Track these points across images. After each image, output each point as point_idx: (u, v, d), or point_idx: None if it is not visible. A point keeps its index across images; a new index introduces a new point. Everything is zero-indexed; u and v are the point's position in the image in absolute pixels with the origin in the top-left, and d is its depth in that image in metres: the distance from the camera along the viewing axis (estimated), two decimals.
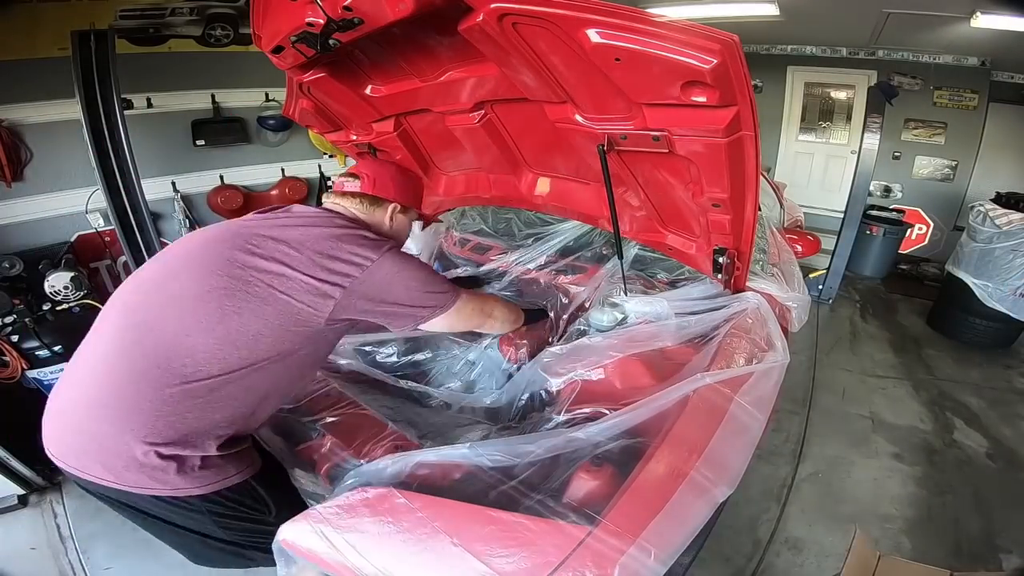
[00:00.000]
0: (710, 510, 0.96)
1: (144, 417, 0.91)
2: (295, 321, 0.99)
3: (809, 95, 5.18)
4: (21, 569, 1.90)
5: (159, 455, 0.91)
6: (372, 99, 1.60)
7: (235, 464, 1.01)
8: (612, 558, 0.78)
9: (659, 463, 0.94)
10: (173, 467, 0.92)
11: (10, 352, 2.07)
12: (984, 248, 3.18)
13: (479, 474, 0.97)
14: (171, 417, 0.91)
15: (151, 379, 0.92)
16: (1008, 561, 1.91)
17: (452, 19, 1.03)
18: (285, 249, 1.01)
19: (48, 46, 2.60)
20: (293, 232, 1.05)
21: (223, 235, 1.06)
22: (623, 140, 1.18)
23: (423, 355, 1.63)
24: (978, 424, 2.66)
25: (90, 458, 0.93)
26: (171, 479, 0.92)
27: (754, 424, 1.12)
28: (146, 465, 0.91)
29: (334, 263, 1.02)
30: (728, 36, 0.86)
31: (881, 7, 3.64)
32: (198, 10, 3.10)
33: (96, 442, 0.93)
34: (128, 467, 0.91)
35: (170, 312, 0.97)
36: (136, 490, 0.93)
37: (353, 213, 1.21)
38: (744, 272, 1.47)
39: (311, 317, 1.00)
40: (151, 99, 3.01)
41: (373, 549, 0.86)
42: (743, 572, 1.84)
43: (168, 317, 0.97)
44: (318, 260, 1.01)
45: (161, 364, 0.92)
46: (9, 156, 2.56)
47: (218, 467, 0.98)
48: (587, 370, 1.28)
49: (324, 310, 1.00)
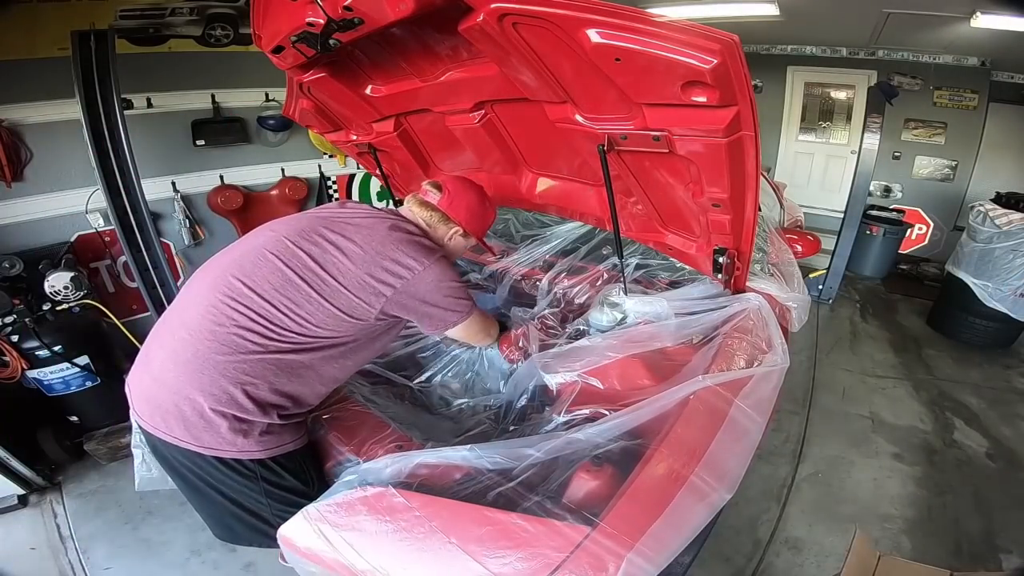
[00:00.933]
0: (709, 514, 0.96)
1: (224, 381, 1.02)
2: (352, 313, 1.12)
3: (809, 95, 5.18)
4: (21, 569, 1.90)
5: (234, 417, 1.03)
6: (372, 99, 1.60)
7: (291, 433, 1.13)
8: (610, 561, 0.78)
9: (657, 466, 0.94)
10: (243, 430, 1.04)
11: (10, 352, 2.07)
12: (984, 248, 3.18)
13: (478, 476, 0.97)
14: (245, 384, 1.03)
15: (234, 345, 1.04)
16: (1008, 561, 1.91)
17: (452, 19, 1.03)
18: (351, 246, 1.14)
19: (48, 46, 2.60)
20: (360, 232, 1.17)
21: (308, 222, 1.21)
22: (623, 140, 1.18)
23: (424, 355, 1.63)
24: (978, 424, 2.66)
25: (173, 419, 1.03)
26: (239, 442, 1.04)
27: (753, 427, 1.12)
28: (220, 426, 1.02)
29: (392, 264, 1.14)
30: (728, 36, 0.86)
31: (881, 7, 3.64)
32: (198, 10, 3.10)
33: (177, 406, 1.03)
34: (207, 428, 1.02)
35: (262, 287, 1.09)
36: (207, 451, 1.04)
37: (418, 220, 1.31)
38: (744, 272, 1.47)
39: (365, 311, 1.12)
40: (151, 99, 3.00)
41: (371, 548, 0.86)
42: (743, 572, 1.84)
43: (260, 291, 1.08)
44: (378, 260, 1.14)
45: (244, 333, 1.05)
46: (9, 156, 2.55)
47: (278, 434, 1.10)
48: (586, 370, 1.28)
49: (376, 305, 1.13)
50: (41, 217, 2.69)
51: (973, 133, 4.52)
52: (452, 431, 1.34)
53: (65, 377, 2.19)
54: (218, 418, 1.02)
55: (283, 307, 1.07)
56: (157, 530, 1.99)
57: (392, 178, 2.17)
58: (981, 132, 4.50)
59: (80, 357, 2.19)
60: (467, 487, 0.95)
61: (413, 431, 1.27)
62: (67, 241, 2.77)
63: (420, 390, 1.54)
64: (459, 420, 1.43)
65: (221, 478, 1.08)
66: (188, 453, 1.05)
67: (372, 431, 1.21)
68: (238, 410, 1.03)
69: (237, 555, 1.87)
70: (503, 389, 1.47)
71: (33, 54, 2.62)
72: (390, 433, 1.21)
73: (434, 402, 1.53)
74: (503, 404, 1.42)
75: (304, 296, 1.09)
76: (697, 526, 0.93)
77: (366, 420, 1.26)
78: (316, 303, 1.09)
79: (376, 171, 2.09)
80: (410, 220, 1.29)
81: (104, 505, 2.11)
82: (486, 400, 1.48)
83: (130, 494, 2.09)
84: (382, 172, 2.09)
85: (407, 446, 1.16)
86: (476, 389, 1.55)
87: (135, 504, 2.07)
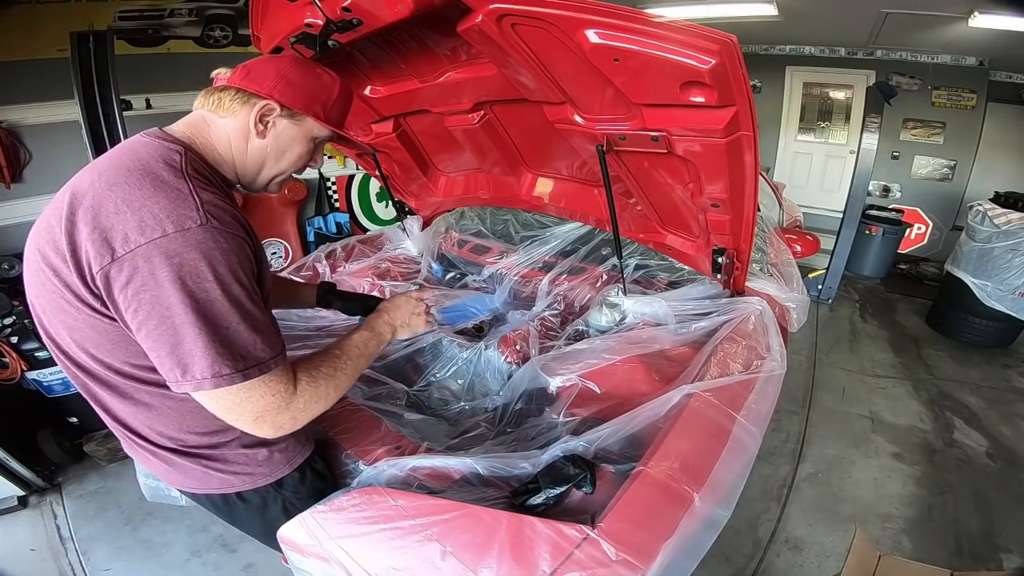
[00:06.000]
0: (702, 524, 0.95)
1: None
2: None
3: (808, 95, 5.19)
4: (21, 570, 1.90)
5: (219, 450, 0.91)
6: (371, 100, 1.60)
7: (287, 453, 0.99)
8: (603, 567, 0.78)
9: (651, 474, 0.93)
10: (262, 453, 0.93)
11: (10, 353, 2.07)
12: (983, 248, 3.19)
13: (475, 480, 0.97)
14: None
15: None
16: (1008, 560, 1.91)
17: (451, 20, 1.03)
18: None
19: (47, 47, 2.60)
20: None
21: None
22: (622, 140, 1.18)
23: (422, 359, 1.63)
24: (978, 423, 2.66)
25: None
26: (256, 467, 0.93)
27: (746, 436, 1.09)
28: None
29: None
30: (726, 36, 0.86)
31: (879, 7, 3.64)
32: (197, 11, 3.10)
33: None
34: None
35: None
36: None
37: (191, 130, 0.86)
38: (743, 272, 1.47)
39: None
40: (150, 100, 3.00)
41: (368, 552, 0.86)
42: (743, 572, 1.84)
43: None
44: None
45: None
46: (8, 157, 2.55)
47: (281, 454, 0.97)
48: (586, 372, 1.28)
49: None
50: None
51: (972, 133, 4.53)
52: (448, 433, 1.34)
53: (65, 378, 2.19)
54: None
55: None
56: (157, 531, 1.99)
57: (391, 179, 2.17)
58: (980, 132, 4.51)
59: None
60: (463, 490, 0.95)
61: (409, 430, 1.26)
62: None
63: (419, 392, 1.54)
64: (456, 422, 1.42)
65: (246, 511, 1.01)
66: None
67: (369, 432, 1.21)
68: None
69: (237, 556, 1.87)
70: (502, 392, 1.47)
71: (32, 55, 2.62)
72: (388, 434, 1.20)
73: (432, 404, 1.52)
74: (501, 405, 1.42)
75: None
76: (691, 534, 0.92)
77: (363, 420, 1.26)
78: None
79: (375, 172, 2.10)
80: (168, 137, 0.82)
81: (104, 506, 2.10)
82: (484, 403, 1.48)
83: (130, 495, 2.09)
84: (381, 173, 2.09)
85: (405, 446, 1.16)
86: (475, 390, 1.55)
87: (135, 505, 2.07)
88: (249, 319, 0.74)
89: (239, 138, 0.87)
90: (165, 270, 0.68)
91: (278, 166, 0.93)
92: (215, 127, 0.87)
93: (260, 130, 0.87)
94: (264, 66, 0.88)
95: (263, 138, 0.88)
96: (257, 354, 0.74)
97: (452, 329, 1.64)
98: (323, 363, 0.87)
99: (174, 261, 0.68)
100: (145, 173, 0.73)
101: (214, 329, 0.70)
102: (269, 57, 0.95)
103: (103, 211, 0.70)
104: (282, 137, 0.90)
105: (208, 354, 0.70)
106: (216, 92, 0.87)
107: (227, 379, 0.71)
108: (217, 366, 0.70)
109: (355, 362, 0.93)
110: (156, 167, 0.74)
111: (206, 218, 0.71)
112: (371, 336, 1.00)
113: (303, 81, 0.88)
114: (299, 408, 0.81)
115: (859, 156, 3.64)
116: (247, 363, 0.73)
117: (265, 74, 0.86)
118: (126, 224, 0.69)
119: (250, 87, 0.85)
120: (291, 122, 0.89)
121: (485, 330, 1.69)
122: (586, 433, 1.03)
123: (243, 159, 0.89)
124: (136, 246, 0.68)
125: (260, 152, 0.89)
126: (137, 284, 0.69)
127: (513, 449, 1.14)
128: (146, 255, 0.68)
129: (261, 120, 0.86)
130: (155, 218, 0.69)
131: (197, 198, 0.72)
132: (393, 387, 1.51)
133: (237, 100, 0.86)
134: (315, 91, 0.89)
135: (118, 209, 0.70)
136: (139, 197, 0.70)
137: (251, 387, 0.74)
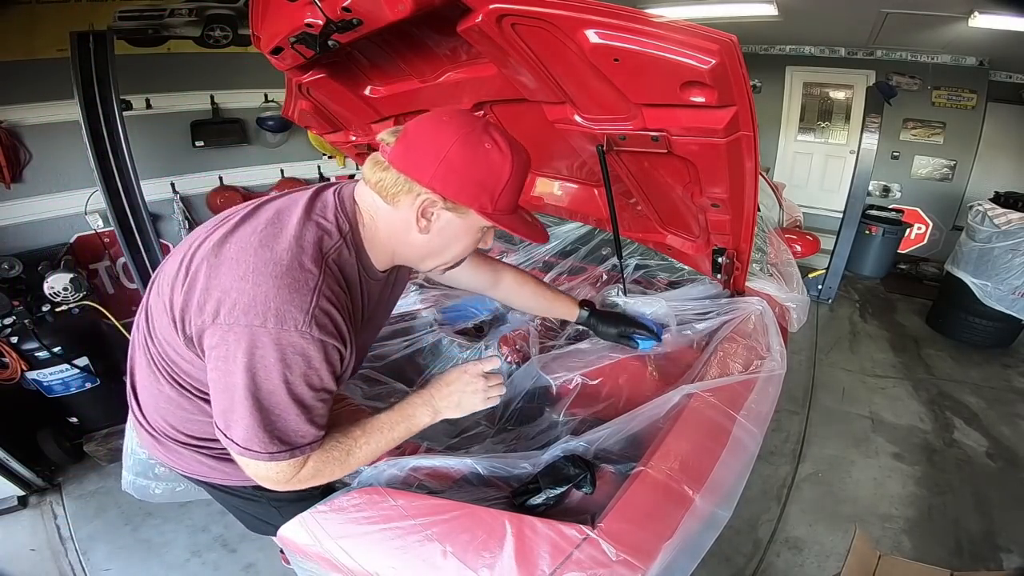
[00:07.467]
0: (702, 524, 0.95)
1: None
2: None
3: (808, 95, 5.18)
4: (21, 570, 1.90)
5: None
6: (371, 100, 1.60)
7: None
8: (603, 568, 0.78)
9: (651, 475, 0.93)
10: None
11: (10, 354, 2.07)
12: (983, 247, 3.19)
13: (475, 480, 0.97)
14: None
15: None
16: (1009, 560, 1.91)
17: (451, 20, 1.03)
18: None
19: (47, 47, 2.60)
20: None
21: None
22: (622, 140, 1.18)
23: (422, 359, 1.63)
24: (978, 423, 2.66)
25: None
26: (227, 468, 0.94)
27: (746, 436, 1.10)
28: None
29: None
30: (726, 36, 0.86)
31: (879, 7, 3.64)
32: (197, 11, 3.10)
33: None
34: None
35: None
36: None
37: (363, 202, 0.84)
38: (743, 272, 1.47)
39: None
40: (150, 100, 3.00)
41: (368, 551, 0.86)
42: (743, 572, 1.84)
43: None
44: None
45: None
46: (8, 157, 2.55)
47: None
48: (586, 371, 1.28)
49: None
50: (40, 218, 2.70)
51: (972, 133, 4.53)
52: (448, 432, 1.34)
53: (64, 378, 2.19)
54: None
55: None
56: (157, 531, 1.99)
57: None
58: (980, 131, 4.51)
59: (79, 358, 2.19)
60: (463, 490, 0.95)
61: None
62: (66, 242, 2.78)
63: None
64: (455, 420, 1.42)
65: (223, 498, 1.06)
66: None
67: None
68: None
69: (237, 556, 1.88)
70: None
71: (32, 55, 2.62)
72: None
73: None
74: (500, 406, 1.42)
75: None
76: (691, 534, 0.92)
77: (362, 419, 1.25)
78: None
79: None
80: (344, 211, 0.81)
81: (104, 506, 2.10)
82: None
83: (130, 495, 2.09)
84: None
85: (405, 446, 1.16)
86: None
87: (135, 505, 2.07)
88: (305, 412, 0.76)
89: (400, 230, 0.82)
90: (243, 357, 0.71)
91: (441, 259, 0.88)
92: (380, 215, 0.82)
93: (423, 225, 0.80)
94: (425, 146, 0.77)
95: (426, 233, 0.81)
96: (294, 440, 0.76)
97: (452, 329, 1.64)
98: (341, 443, 0.85)
99: (255, 354, 0.71)
100: (289, 249, 0.74)
101: (264, 415, 0.73)
102: (432, 127, 0.79)
103: (233, 273, 0.73)
104: (446, 232, 0.82)
105: (249, 430, 0.73)
106: (380, 171, 0.80)
107: (253, 455, 0.75)
108: (250, 443, 0.74)
109: (373, 447, 0.89)
110: (305, 243, 0.75)
111: (309, 325, 0.71)
112: (401, 420, 0.92)
113: (468, 166, 0.77)
114: (299, 481, 0.82)
115: (859, 156, 3.64)
116: (280, 447, 0.75)
117: (426, 157, 0.76)
118: (240, 296, 0.71)
119: (411, 175, 0.77)
120: (455, 215, 0.80)
121: (485, 330, 1.69)
122: (586, 433, 1.03)
123: (404, 251, 0.86)
124: (235, 322, 0.71)
125: (423, 246, 0.84)
126: (220, 352, 0.72)
127: (513, 449, 1.14)
128: (237, 337, 0.71)
129: (423, 215, 0.79)
130: (265, 305, 0.70)
131: (314, 300, 0.72)
132: (393, 387, 1.51)
133: (400, 186, 0.78)
134: (482, 177, 0.78)
135: (244, 276, 0.72)
136: (266, 275, 0.71)
137: (269, 463, 0.77)
